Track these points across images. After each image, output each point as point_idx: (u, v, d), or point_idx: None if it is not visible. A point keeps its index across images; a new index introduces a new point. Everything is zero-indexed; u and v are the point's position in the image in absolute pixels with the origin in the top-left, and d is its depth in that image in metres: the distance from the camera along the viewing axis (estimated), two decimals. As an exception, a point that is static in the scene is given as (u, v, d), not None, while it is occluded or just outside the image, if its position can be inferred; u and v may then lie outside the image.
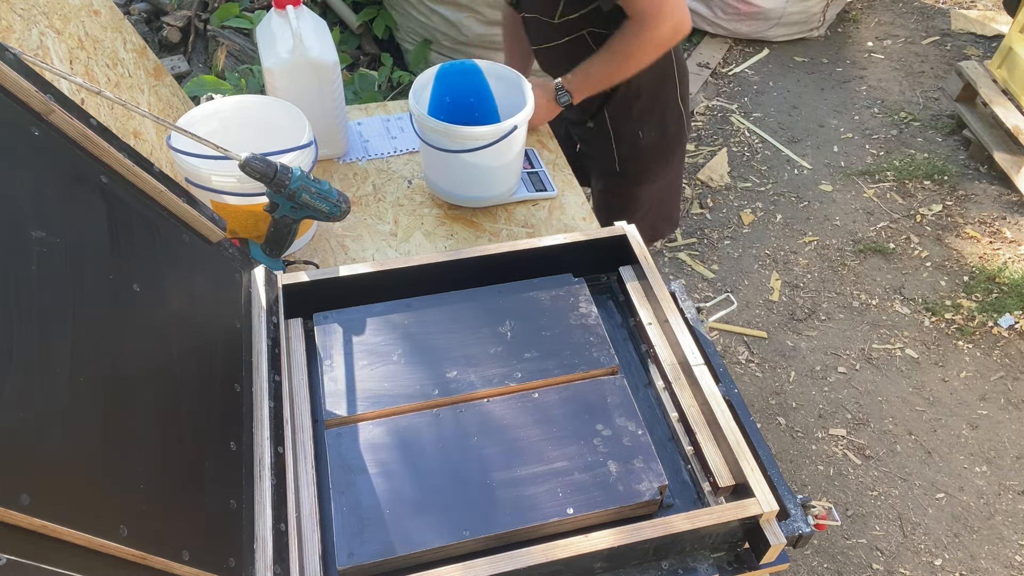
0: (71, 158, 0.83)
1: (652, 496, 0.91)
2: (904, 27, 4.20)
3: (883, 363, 2.60)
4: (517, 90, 1.46)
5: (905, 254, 2.97)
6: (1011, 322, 2.70)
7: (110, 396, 0.72)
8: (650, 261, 1.15)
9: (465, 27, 3.05)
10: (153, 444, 0.76)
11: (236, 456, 0.88)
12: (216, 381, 0.91)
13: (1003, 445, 2.38)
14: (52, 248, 0.73)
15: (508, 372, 1.04)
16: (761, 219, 3.12)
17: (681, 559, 0.91)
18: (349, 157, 1.62)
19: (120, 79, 1.55)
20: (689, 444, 1.00)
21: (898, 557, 2.12)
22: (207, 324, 0.95)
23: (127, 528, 0.66)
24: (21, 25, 1.30)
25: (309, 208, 1.20)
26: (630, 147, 1.75)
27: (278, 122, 1.39)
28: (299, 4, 1.43)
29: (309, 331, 1.12)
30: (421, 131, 1.41)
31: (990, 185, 3.23)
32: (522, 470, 0.93)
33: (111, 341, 0.76)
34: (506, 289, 1.15)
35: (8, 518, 0.55)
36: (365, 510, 0.90)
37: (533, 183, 1.57)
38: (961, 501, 2.24)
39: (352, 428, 0.98)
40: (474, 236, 1.48)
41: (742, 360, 2.61)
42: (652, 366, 1.11)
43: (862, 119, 3.60)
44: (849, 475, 2.30)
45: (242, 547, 0.82)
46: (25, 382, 0.62)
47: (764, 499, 0.88)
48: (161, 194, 0.95)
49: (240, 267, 1.08)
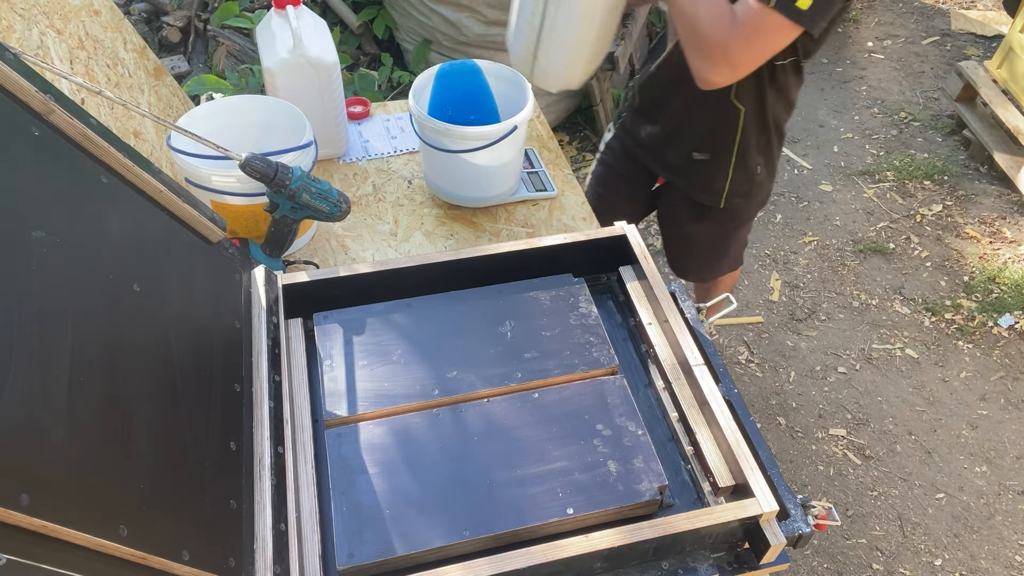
0: (71, 158, 0.83)
1: (652, 496, 0.91)
2: (904, 27, 4.19)
3: (883, 363, 2.60)
4: (517, 90, 1.46)
5: (905, 254, 2.97)
6: (1011, 322, 2.70)
7: (110, 396, 0.72)
8: (650, 261, 1.15)
9: (465, 27, 3.04)
10: (153, 444, 0.76)
11: (236, 456, 0.88)
12: (216, 381, 0.91)
13: (1003, 445, 2.38)
14: (52, 248, 0.73)
15: (508, 372, 1.04)
16: (761, 219, 3.12)
17: (681, 559, 0.91)
18: (349, 157, 1.62)
19: (120, 79, 1.55)
20: (689, 444, 1.00)
21: (898, 557, 2.12)
22: (207, 324, 0.95)
23: (127, 528, 0.66)
24: (21, 25, 1.30)
25: (309, 208, 1.20)
26: (746, 182, 1.65)
27: (278, 122, 1.39)
28: (299, 4, 1.43)
29: (309, 331, 1.12)
30: (421, 131, 1.41)
31: (990, 185, 3.23)
32: (522, 470, 0.93)
33: (111, 341, 0.76)
34: (506, 289, 1.15)
35: (8, 518, 0.55)
36: (365, 510, 0.90)
37: (533, 183, 1.57)
38: (961, 501, 2.24)
39: (352, 428, 0.98)
40: (474, 236, 1.48)
41: (742, 360, 2.61)
42: (652, 366, 1.11)
43: (862, 119, 3.60)
44: (849, 475, 2.30)
45: (242, 547, 0.82)
46: (25, 382, 0.62)
47: (764, 499, 0.88)
48: (161, 194, 0.95)
49: (240, 267, 1.08)
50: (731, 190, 1.66)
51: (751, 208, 1.74)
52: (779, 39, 1.31)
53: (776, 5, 1.25)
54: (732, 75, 1.35)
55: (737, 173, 1.63)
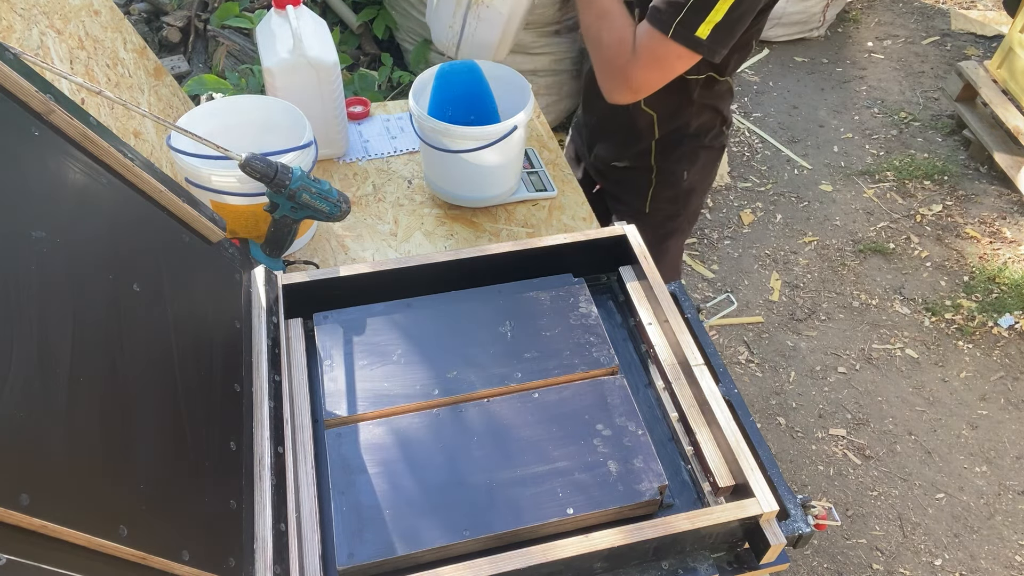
0: (71, 158, 0.83)
1: (652, 496, 0.91)
2: (904, 27, 4.19)
3: (883, 363, 2.60)
4: (517, 90, 1.46)
5: (905, 254, 2.97)
6: (1011, 322, 2.70)
7: (110, 396, 0.72)
8: (650, 261, 1.15)
9: (465, 27, 3.04)
10: (153, 444, 0.76)
11: (236, 456, 0.88)
12: (216, 381, 0.91)
13: (1003, 445, 2.38)
14: (52, 248, 0.73)
15: (508, 372, 1.04)
16: (761, 219, 3.12)
17: (681, 559, 0.91)
18: (349, 157, 1.62)
19: (120, 79, 1.55)
20: (689, 444, 1.00)
21: (898, 557, 2.12)
22: (207, 324, 0.95)
23: (127, 528, 0.66)
24: (21, 25, 1.30)
25: (309, 208, 1.20)
26: (671, 187, 1.66)
27: (278, 122, 1.39)
28: (299, 4, 1.43)
29: (309, 331, 1.12)
30: (421, 131, 1.41)
31: (990, 185, 3.23)
32: (522, 470, 0.93)
33: (111, 341, 0.76)
34: (506, 289, 1.15)
35: (8, 518, 0.55)
36: (365, 510, 0.90)
37: (533, 183, 1.57)
38: (961, 501, 2.24)
39: (352, 428, 0.98)
40: (474, 236, 1.48)
41: (742, 360, 2.61)
42: (652, 366, 1.11)
43: (862, 119, 3.60)
44: (849, 475, 2.30)
45: (242, 547, 0.82)
46: (25, 382, 0.62)
47: (764, 499, 0.88)
48: (161, 194, 0.95)
49: (240, 267, 1.08)
50: (655, 194, 1.68)
51: (682, 218, 1.74)
52: (679, 66, 1.35)
53: (674, 35, 1.28)
54: (634, 96, 1.41)
55: (660, 177, 1.65)
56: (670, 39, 1.28)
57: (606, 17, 1.36)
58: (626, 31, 1.34)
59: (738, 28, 1.29)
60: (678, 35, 1.27)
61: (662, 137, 1.59)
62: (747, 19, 1.30)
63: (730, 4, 1.23)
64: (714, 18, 1.25)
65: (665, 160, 1.62)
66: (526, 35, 2.74)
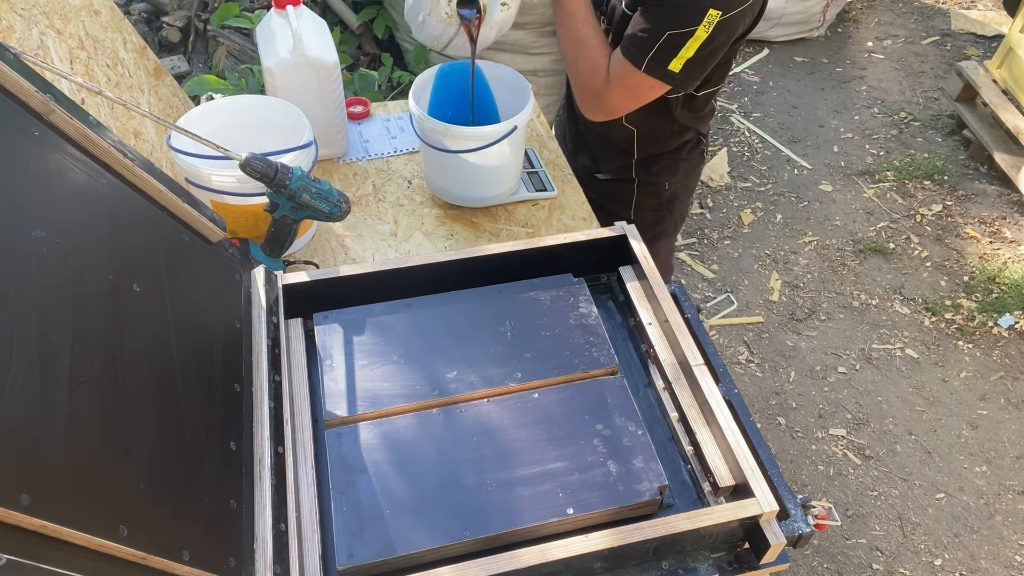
0: (70, 158, 0.83)
1: (652, 496, 0.91)
2: (904, 27, 4.20)
3: (883, 363, 2.60)
4: (517, 90, 1.46)
5: (905, 254, 2.97)
6: (1011, 322, 2.70)
7: (110, 396, 0.72)
8: (650, 261, 1.15)
9: (465, 27, 3.04)
10: (153, 444, 0.76)
11: (236, 456, 0.88)
12: (216, 381, 0.91)
13: (1003, 445, 2.38)
14: (52, 248, 0.73)
15: (508, 372, 1.04)
16: (761, 219, 3.12)
17: (681, 559, 0.91)
18: (349, 157, 1.62)
19: (120, 79, 1.55)
20: (689, 444, 1.00)
21: (898, 557, 2.12)
22: (207, 324, 0.95)
23: (127, 528, 0.66)
24: (21, 25, 1.30)
25: (309, 208, 1.20)
26: (654, 196, 1.69)
27: (278, 122, 1.39)
28: (299, 4, 1.43)
29: (309, 331, 1.12)
30: (421, 131, 1.41)
31: (990, 185, 3.23)
32: (522, 470, 0.93)
33: (111, 341, 0.76)
34: (506, 289, 1.15)
35: (8, 518, 0.55)
36: (365, 510, 0.90)
37: (533, 183, 1.57)
38: (961, 501, 2.24)
39: (352, 428, 0.98)
40: (474, 236, 1.48)
41: (742, 360, 2.61)
42: (652, 366, 1.11)
43: (862, 119, 3.60)
44: (849, 475, 2.30)
45: (242, 547, 0.82)
46: (25, 382, 0.62)
47: (764, 499, 0.88)
48: (161, 194, 0.95)
49: (240, 267, 1.08)
50: (639, 203, 1.70)
51: (668, 222, 1.76)
52: (652, 94, 1.39)
53: (647, 69, 1.32)
54: (608, 118, 1.45)
55: (642, 188, 1.68)
56: (642, 72, 1.32)
57: (582, 45, 1.40)
58: (600, 60, 1.39)
59: (710, 62, 1.33)
60: (650, 69, 1.31)
61: (641, 146, 1.62)
62: (719, 53, 1.33)
63: (700, 42, 1.27)
64: (685, 54, 1.29)
65: (646, 173, 1.66)
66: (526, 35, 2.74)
